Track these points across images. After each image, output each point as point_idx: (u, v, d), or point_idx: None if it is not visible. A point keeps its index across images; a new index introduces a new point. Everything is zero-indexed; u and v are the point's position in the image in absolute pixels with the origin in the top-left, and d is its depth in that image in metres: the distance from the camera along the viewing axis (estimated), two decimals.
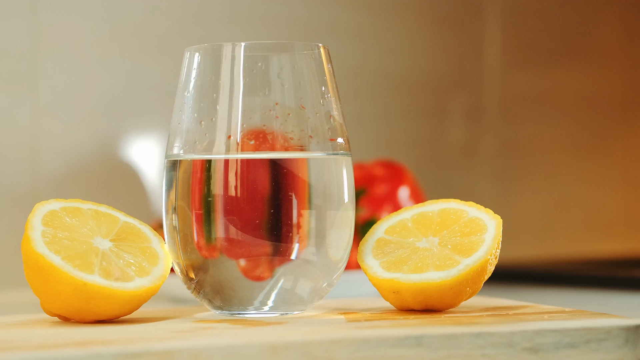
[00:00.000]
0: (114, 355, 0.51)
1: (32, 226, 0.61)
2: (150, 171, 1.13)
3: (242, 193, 0.63)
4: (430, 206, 0.69)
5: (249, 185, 0.63)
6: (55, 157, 1.08)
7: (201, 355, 0.52)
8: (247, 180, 0.63)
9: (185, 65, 0.66)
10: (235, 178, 0.63)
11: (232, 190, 0.63)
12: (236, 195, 0.63)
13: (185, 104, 0.65)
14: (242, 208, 0.63)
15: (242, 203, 0.63)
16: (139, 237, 0.65)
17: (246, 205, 0.63)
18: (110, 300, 0.61)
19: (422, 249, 0.66)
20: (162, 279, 0.63)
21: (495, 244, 0.65)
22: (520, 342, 0.57)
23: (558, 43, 1.45)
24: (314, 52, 0.66)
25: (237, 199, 0.63)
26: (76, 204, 0.64)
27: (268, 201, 0.63)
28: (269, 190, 0.63)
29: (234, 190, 0.63)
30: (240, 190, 0.63)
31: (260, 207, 0.63)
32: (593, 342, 0.58)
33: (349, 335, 0.55)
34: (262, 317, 0.64)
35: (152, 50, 1.14)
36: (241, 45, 0.64)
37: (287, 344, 0.54)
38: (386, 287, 0.65)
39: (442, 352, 0.56)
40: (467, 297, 0.65)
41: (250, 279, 0.63)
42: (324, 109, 0.65)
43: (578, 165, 1.47)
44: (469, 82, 1.39)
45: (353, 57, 1.27)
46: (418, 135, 1.33)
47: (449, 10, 1.36)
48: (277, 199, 0.63)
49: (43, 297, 0.62)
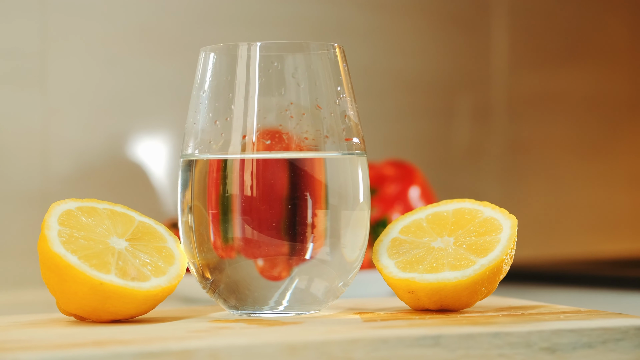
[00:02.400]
0: (132, 354, 0.51)
1: (48, 226, 0.61)
2: (160, 171, 1.13)
3: (257, 193, 0.63)
4: (444, 206, 0.69)
5: (264, 185, 0.63)
6: (65, 157, 1.08)
7: (220, 354, 0.52)
8: (263, 180, 0.63)
9: (201, 65, 0.66)
10: (250, 178, 0.63)
11: (247, 190, 0.63)
12: (252, 195, 0.63)
13: (200, 103, 0.65)
14: (259, 208, 0.63)
15: (258, 203, 0.63)
16: (155, 237, 0.65)
17: (263, 205, 0.63)
18: (127, 300, 0.61)
19: (437, 249, 0.66)
20: (178, 279, 0.63)
21: (510, 244, 0.65)
22: (538, 342, 0.57)
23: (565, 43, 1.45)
24: (330, 51, 0.66)
25: (253, 198, 0.63)
26: (92, 204, 0.64)
27: (284, 201, 0.63)
28: (284, 190, 0.63)
29: (250, 190, 0.63)
30: (256, 190, 0.63)
31: (276, 206, 0.63)
32: (610, 342, 0.58)
33: (367, 335, 0.55)
34: (277, 316, 0.64)
35: (162, 50, 1.14)
36: (257, 45, 0.64)
37: (305, 344, 0.54)
38: (401, 287, 0.65)
39: (460, 352, 0.56)
40: (482, 297, 0.65)
41: (268, 278, 0.63)
42: (339, 109, 0.65)
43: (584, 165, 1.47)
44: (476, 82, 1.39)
45: (361, 57, 1.27)
46: (425, 134, 1.33)
47: (457, 11, 1.36)
48: (293, 199, 0.63)
49: (59, 296, 0.62)
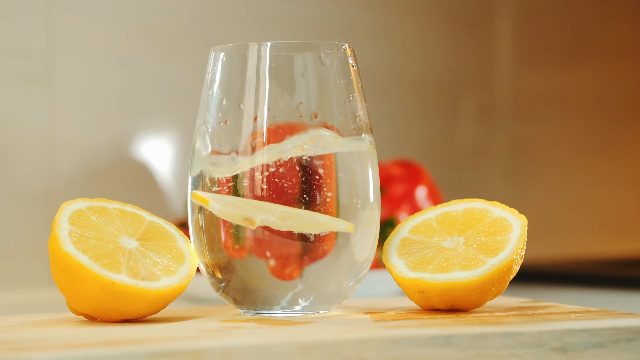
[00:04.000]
0: (145, 354, 0.51)
1: (59, 225, 0.61)
2: (166, 170, 1.13)
3: (268, 192, 0.63)
4: (454, 206, 0.69)
5: (275, 184, 0.63)
6: (71, 157, 1.08)
7: (232, 354, 0.52)
8: (273, 180, 0.63)
9: (211, 65, 0.66)
10: (261, 177, 0.63)
11: (258, 190, 0.63)
12: (262, 195, 0.63)
13: (210, 103, 0.65)
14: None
15: (268, 200, 0.62)
16: (165, 237, 0.65)
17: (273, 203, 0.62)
18: (137, 299, 0.61)
19: (447, 249, 0.66)
20: (189, 279, 0.63)
21: (520, 244, 0.65)
22: (549, 342, 0.57)
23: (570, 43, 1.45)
24: (339, 51, 0.66)
25: (264, 198, 0.63)
26: (102, 204, 0.64)
27: (294, 200, 0.63)
28: (294, 190, 0.63)
29: (260, 190, 0.63)
30: (267, 190, 0.63)
31: (287, 205, 0.62)
32: (621, 342, 0.58)
33: (379, 334, 0.55)
34: (287, 316, 0.64)
35: (168, 50, 1.14)
36: (267, 45, 0.64)
37: (317, 344, 0.54)
38: (412, 287, 0.65)
39: (472, 351, 0.56)
40: (492, 296, 0.65)
41: (279, 278, 0.63)
42: (349, 109, 0.65)
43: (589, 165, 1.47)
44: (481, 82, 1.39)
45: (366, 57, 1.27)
46: (429, 134, 1.33)
47: (462, 11, 1.36)
48: (303, 198, 0.63)
49: (70, 296, 0.62)
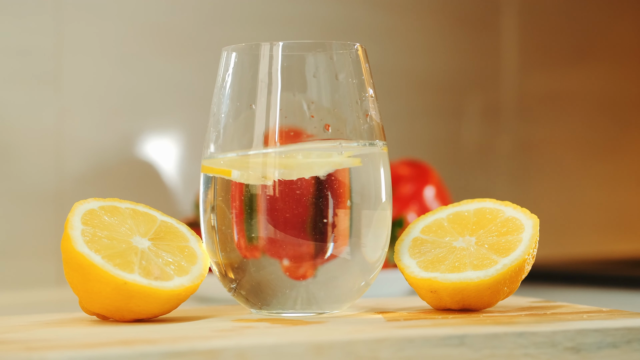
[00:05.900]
0: (160, 354, 0.51)
1: (72, 225, 0.61)
2: (173, 170, 1.13)
3: (280, 192, 0.63)
4: (465, 206, 0.69)
5: (287, 184, 0.63)
6: (79, 156, 1.08)
7: (247, 354, 0.52)
8: (286, 180, 0.63)
9: (222, 65, 0.66)
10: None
11: (270, 190, 0.63)
12: (275, 195, 0.63)
13: (222, 103, 0.65)
14: (283, 207, 0.62)
15: (282, 202, 0.62)
16: (177, 236, 0.65)
17: (286, 205, 0.62)
18: (150, 299, 0.61)
19: (458, 249, 0.66)
20: (201, 278, 0.63)
21: (532, 244, 0.65)
22: (563, 342, 0.57)
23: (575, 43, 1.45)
24: (352, 51, 0.66)
25: (277, 198, 0.63)
26: (114, 203, 0.64)
27: (307, 200, 0.63)
28: (307, 190, 0.63)
29: (273, 190, 0.63)
30: (279, 190, 0.63)
31: (300, 206, 0.63)
32: (635, 342, 0.58)
33: (393, 334, 0.55)
34: (299, 316, 0.64)
35: (175, 50, 1.14)
36: (279, 44, 0.64)
37: (331, 343, 0.54)
38: (424, 287, 0.65)
39: (485, 351, 0.56)
40: (504, 296, 0.65)
41: (293, 278, 0.63)
42: (361, 109, 0.65)
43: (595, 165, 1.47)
44: (487, 82, 1.39)
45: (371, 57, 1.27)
46: (435, 134, 1.33)
47: (467, 11, 1.36)
48: (315, 199, 0.63)
49: (82, 295, 0.62)
